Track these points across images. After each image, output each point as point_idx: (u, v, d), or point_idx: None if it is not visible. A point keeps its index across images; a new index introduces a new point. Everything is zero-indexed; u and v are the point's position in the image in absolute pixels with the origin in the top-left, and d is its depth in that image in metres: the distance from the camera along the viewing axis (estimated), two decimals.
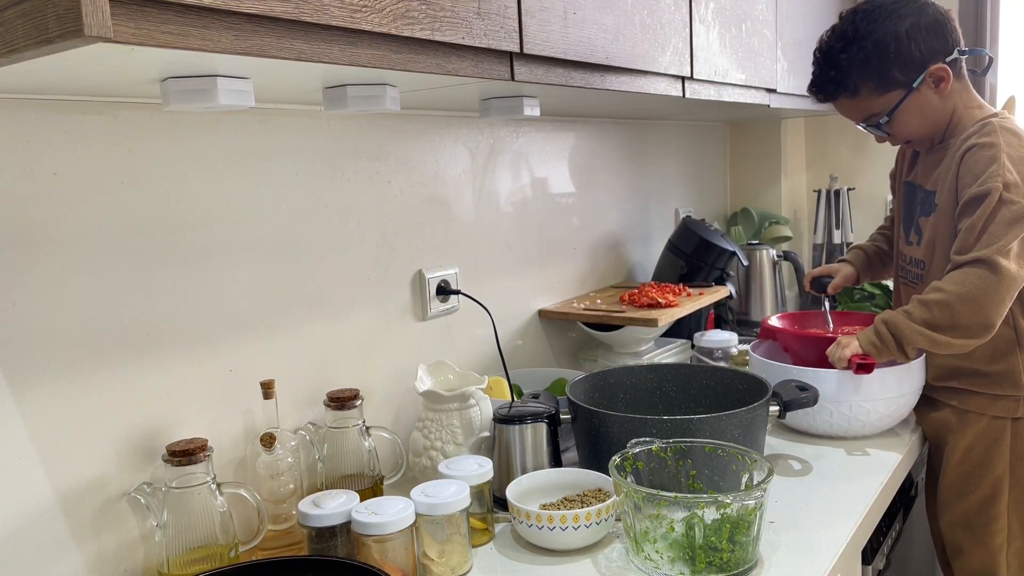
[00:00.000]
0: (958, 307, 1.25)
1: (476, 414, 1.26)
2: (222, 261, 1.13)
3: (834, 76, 1.38)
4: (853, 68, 1.36)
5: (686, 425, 1.14)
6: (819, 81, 1.42)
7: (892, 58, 1.33)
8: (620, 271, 2.11)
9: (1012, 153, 1.28)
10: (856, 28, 1.35)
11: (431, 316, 1.47)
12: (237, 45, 0.70)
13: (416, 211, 1.44)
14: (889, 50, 1.33)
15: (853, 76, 1.36)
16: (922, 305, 1.28)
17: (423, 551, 1.03)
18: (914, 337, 1.28)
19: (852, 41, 1.35)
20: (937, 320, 1.26)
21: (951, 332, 1.26)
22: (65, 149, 0.95)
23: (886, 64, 1.34)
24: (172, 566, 0.99)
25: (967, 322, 1.25)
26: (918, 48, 1.33)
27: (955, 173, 1.34)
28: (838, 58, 1.37)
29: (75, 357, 0.97)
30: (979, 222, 1.26)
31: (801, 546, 1.07)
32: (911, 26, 1.33)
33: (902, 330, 1.29)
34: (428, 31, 0.87)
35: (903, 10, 1.34)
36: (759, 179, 2.68)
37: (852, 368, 1.34)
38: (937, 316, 1.26)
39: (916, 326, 1.28)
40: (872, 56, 1.34)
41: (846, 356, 1.34)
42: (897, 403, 1.41)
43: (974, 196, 1.27)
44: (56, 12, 0.58)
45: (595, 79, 1.20)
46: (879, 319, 1.33)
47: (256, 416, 1.18)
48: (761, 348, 1.57)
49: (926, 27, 1.33)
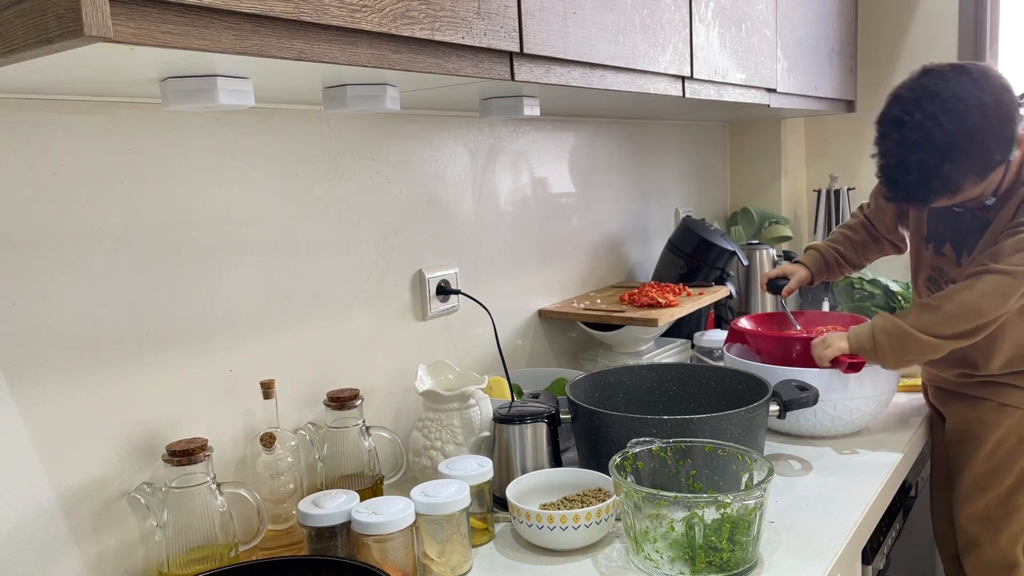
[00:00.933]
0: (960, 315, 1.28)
1: (476, 414, 1.26)
2: (222, 261, 1.13)
3: (938, 187, 1.26)
4: (955, 173, 1.24)
5: (686, 425, 1.14)
6: (918, 195, 1.28)
7: (991, 145, 1.24)
8: (620, 271, 2.11)
9: None
10: (942, 127, 1.22)
11: (431, 316, 1.47)
12: (237, 45, 0.70)
13: (416, 211, 1.44)
14: (986, 138, 1.23)
15: (955, 179, 1.25)
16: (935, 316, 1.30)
17: (423, 551, 1.03)
18: (922, 351, 1.31)
19: (948, 148, 1.22)
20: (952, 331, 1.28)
21: (958, 341, 1.29)
22: (65, 149, 0.95)
23: (985, 154, 1.24)
24: (172, 566, 0.99)
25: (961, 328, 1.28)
26: (1007, 126, 1.24)
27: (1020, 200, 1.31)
28: (940, 168, 1.23)
29: (75, 357, 0.97)
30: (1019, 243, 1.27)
31: (801, 546, 1.07)
32: (995, 101, 1.23)
33: (908, 344, 1.31)
34: (428, 31, 0.87)
35: (973, 97, 1.22)
36: (759, 179, 2.68)
37: (842, 368, 1.34)
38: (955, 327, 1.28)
39: (926, 338, 1.30)
40: (973, 152, 1.23)
41: (828, 356, 1.36)
42: (879, 400, 1.44)
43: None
44: (56, 12, 0.58)
45: (595, 79, 1.20)
46: (879, 328, 1.33)
47: (256, 416, 1.18)
48: (733, 351, 1.58)
49: (999, 99, 1.24)
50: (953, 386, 1.49)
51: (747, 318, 1.69)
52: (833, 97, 2.22)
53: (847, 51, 2.32)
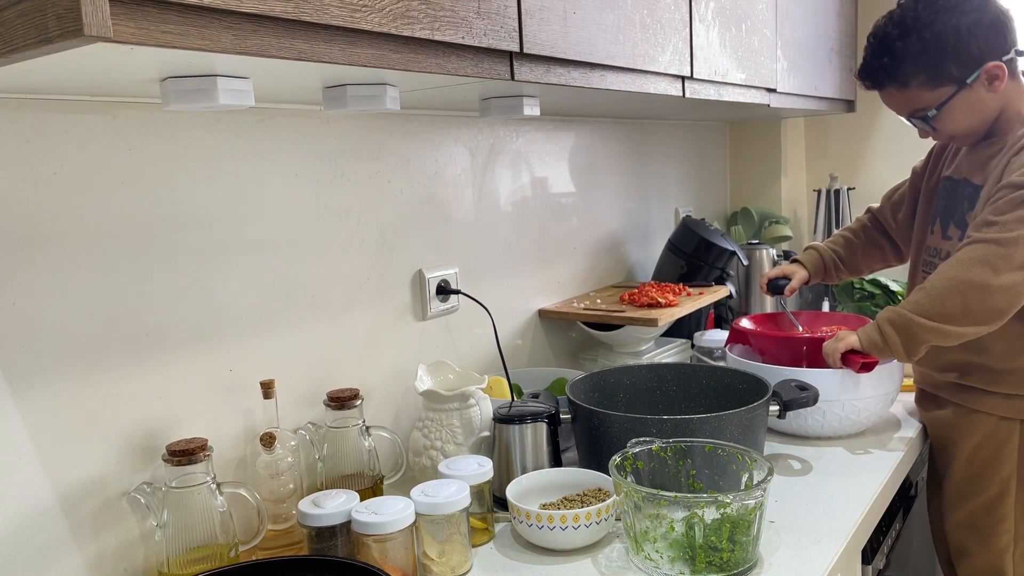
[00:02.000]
0: (970, 293, 1.21)
1: (476, 414, 1.26)
2: (222, 261, 1.13)
3: (887, 64, 1.33)
4: (908, 58, 1.31)
5: (686, 425, 1.14)
6: (869, 68, 1.37)
7: (950, 52, 1.29)
8: (620, 271, 2.11)
9: None
10: (917, 16, 1.30)
11: (431, 316, 1.47)
12: (237, 45, 0.70)
13: (416, 211, 1.44)
14: (948, 43, 1.28)
15: (906, 66, 1.31)
16: (928, 295, 1.25)
17: (423, 551, 1.03)
18: (925, 335, 1.25)
19: (911, 29, 1.30)
20: (948, 309, 1.23)
21: (962, 321, 1.22)
22: (65, 149, 0.95)
23: (943, 57, 1.29)
24: (172, 566, 0.99)
25: (977, 307, 1.21)
26: (977, 45, 1.28)
27: (1003, 166, 1.30)
28: (894, 45, 1.31)
29: (75, 357, 0.97)
30: (1005, 205, 1.23)
31: (801, 546, 1.07)
32: (973, 22, 1.28)
33: (912, 331, 1.26)
34: (428, 31, 0.87)
35: (966, 4, 1.29)
36: (759, 179, 2.68)
37: (855, 367, 1.33)
38: (948, 305, 1.23)
39: (926, 322, 1.24)
40: (930, 47, 1.29)
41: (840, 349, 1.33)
42: (887, 399, 1.43)
43: (1011, 184, 1.25)
44: (56, 12, 0.58)
45: (595, 79, 1.20)
46: (883, 320, 1.30)
47: (256, 416, 1.18)
48: (735, 351, 1.58)
49: (988, 24, 1.29)
50: (933, 388, 1.47)
51: (748, 318, 1.69)
52: (833, 97, 2.22)
53: (847, 51, 2.32)
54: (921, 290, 1.27)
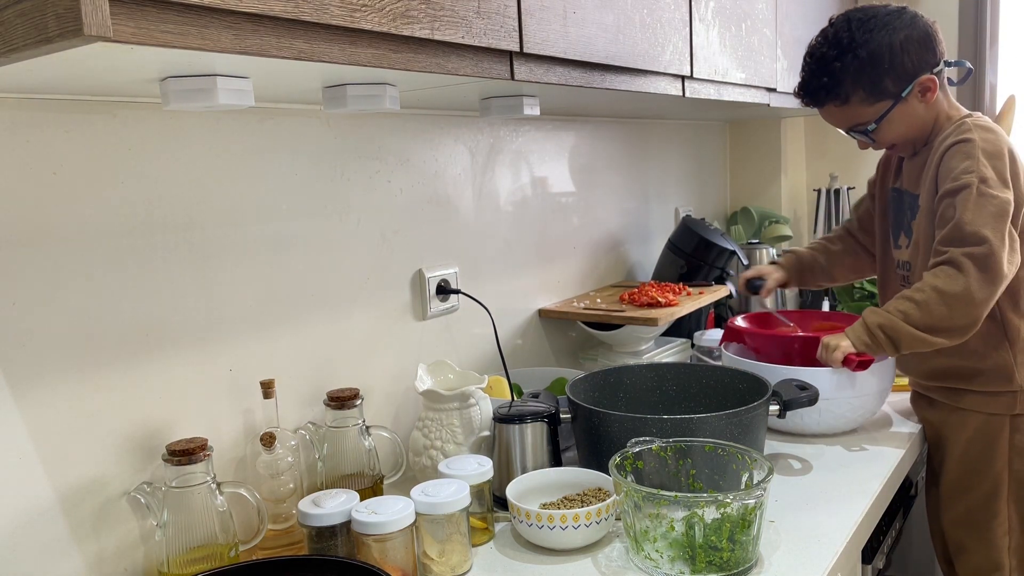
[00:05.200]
0: (957, 308, 1.25)
1: (476, 413, 1.26)
2: (222, 261, 1.13)
3: (826, 83, 1.37)
4: (846, 76, 1.35)
5: (686, 424, 1.14)
6: (809, 87, 1.41)
7: (886, 68, 1.34)
8: (620, 270, 2.11)
9: (987, 148, 1.30)
10: (852, 36, 1.34)
11: (431, 315, 1.47)
12: (237, 44, 0.70)
13: (416, 210, 1.44)
14: (884, 60, 1.33)
15: (845, 84, 1.36)
16: (916, 306, 1.28)
17: (423, 550, 1.03)
18: (911, 342, 1.29)
19: (847, 49, 1.34)
20: (936, 323, 1.27)
21: (945, 334, 1.28)
22: (65, 149, 0.95)
23: (879, 74, 1.34)
24: (172, 565, 0.99)
25: (962, 322, 1.26)
26: (911, 60, 1.34)
27: (934, 173, 1.36)
28: (831, 65, 1.36)
29: (75, 357, 0.97)
30: (964, 215, 1.27)
31: (801, 545, 1.07)
32: (905, 38, 1.33)
33: (900, 335, 1.30)
34: (428, 30, 0.87)
35: (897, 22, 1.34)
36: (759, 178, 2.68)
37: (851, 366, 1.34)
38: (936, 318, 1.27)
39: (913, 331, 1.28)
40: (866, 65, 1.34)
41: (839, 358, 1.35)
42: (880, 395, 1.44)
43: (950, 190, 1.29)
44: (56, 11, 0.58)
45: (595, 78, 1.20)
46: (872, 323, 1.33)
47: (256, 415, 1.18)
48: (731, 350, 1.59)
49: (918, 40, 1.34)
50: (924, 389, 1.49)
51: (743, 317, 1.69)
52: None
53: None
54: (909, 300, 1.31)
